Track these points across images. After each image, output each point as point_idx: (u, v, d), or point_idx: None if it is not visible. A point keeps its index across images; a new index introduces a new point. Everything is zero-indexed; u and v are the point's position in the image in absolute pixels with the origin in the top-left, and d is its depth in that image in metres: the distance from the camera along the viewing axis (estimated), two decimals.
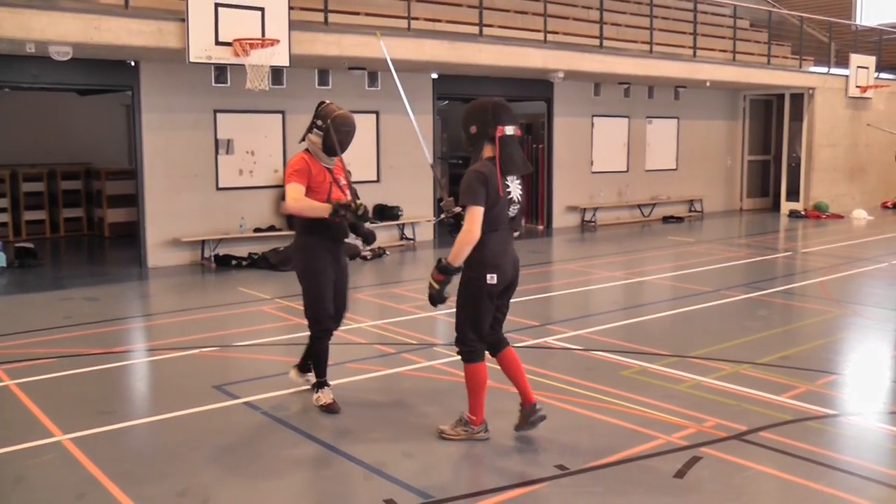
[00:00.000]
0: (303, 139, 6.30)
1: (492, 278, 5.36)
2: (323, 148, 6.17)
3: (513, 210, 5.47)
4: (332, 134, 6.09)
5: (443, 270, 5.39)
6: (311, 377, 6.57)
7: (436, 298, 5.50)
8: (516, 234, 5.64)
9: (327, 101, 6.34)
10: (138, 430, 6.09)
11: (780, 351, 8.08)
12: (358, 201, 5.98)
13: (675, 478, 5.12)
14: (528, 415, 5.67)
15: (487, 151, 5.40)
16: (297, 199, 6.05)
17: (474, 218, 5.26)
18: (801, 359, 7.82)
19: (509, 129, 5.36)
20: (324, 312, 6.26)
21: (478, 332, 5.49)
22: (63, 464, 5.38)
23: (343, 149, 6.18)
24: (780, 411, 6.30)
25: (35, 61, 11.47)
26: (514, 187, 5.45)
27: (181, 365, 7.77)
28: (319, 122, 6.15)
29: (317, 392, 6.42)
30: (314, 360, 6.44)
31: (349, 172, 6.47)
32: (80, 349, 8.13)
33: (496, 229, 5.37)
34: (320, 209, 6.01)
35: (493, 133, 5.34)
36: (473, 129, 5.44)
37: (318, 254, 6.23)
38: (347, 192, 6.21)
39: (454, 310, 5.55)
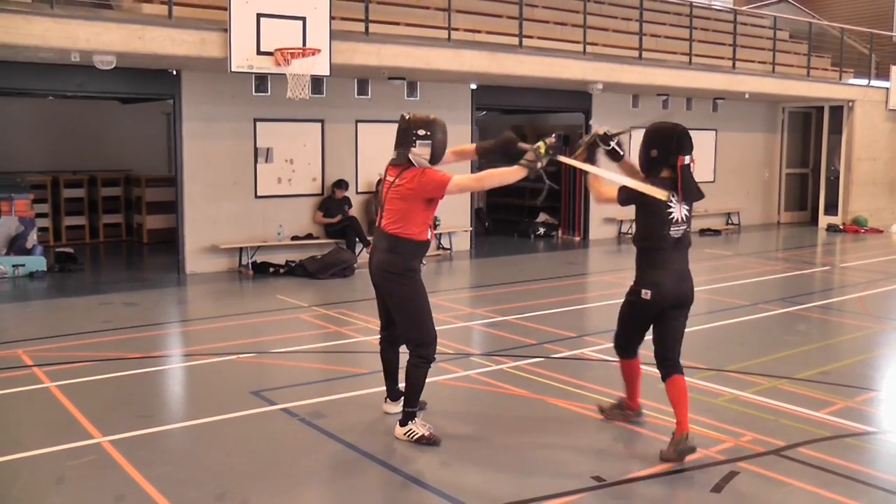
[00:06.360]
0: (401, 156, 5.84)
1: (646, 294, 5.65)
2: (432, 157, 5.80)
3: (676, 231, 5.60)
4: (440, 138, 5.82)
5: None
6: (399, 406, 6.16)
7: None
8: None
9: (411, 113, 5.92)
10: (176, 434, 6.16)
11: (819, 366, 8.00)
12: (547, 142, 5.83)
13: (713, 492, 5.09)
14: (619, 406, 6.36)
15: (665, 173, 5.64)
16: (478, 176, 6.01)
17: (615, 190, 5.67)
18: (839, 375, 7.74)
19: (688, 159, 5.61)
20: (433, 335, 5.90)
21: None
22: (102, 465, 5.46)
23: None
24: (818, 427, 6.25)
25: (79, 70, 11.65)
26: (680, 209, 5.61)
27: (219, 370, 7.84)
28: (422, 132, 5.76)
29: (410, 424, 5.91)
30: (413, 387, 5.88)
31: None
32: (119, 353, 8.23)
33: (659, 246, 5.60)
34: (512, 171, 5.76)
35: (674, 161, 5.59)
36: (654, 153, 5.68)
37: (420, 278, 5.97)
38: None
39: (493, 319, 5.56)
